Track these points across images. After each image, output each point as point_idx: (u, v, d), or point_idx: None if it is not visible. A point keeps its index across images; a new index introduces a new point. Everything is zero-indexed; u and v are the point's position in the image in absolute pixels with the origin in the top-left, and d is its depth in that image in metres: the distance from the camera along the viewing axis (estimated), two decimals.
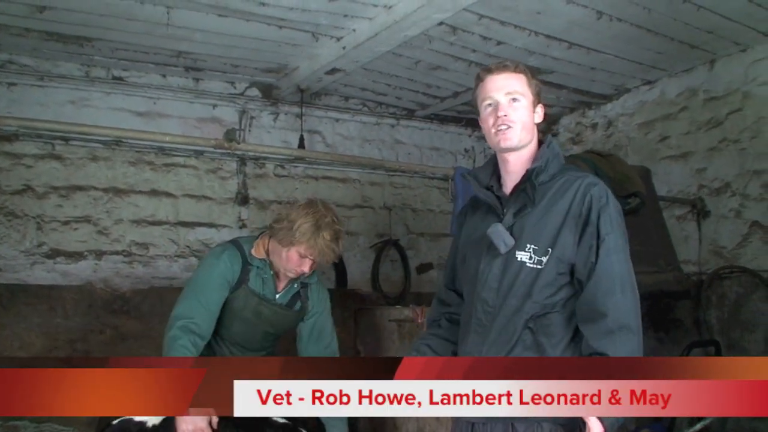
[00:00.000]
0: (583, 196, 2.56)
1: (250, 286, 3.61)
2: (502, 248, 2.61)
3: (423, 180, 7.05)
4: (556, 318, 2.58)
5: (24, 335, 4.65)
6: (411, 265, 6.79)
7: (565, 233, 2.56)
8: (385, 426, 5.03)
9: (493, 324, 2.64)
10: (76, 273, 5.40)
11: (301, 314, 3.80)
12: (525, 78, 2.75)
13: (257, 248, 3.66)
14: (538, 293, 2.57)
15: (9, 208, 5.29)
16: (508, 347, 2.59)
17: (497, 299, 2.63)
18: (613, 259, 2.48)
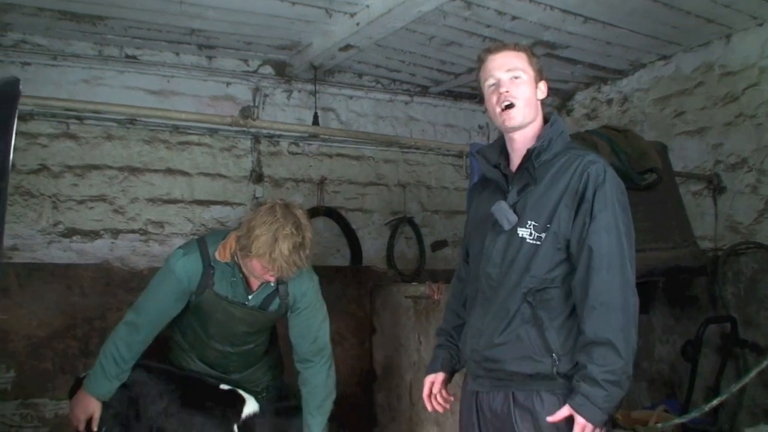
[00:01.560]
0: (581, 174, 2.62)
1: (215, 290, 3.44)
2: (506, 225, 2.70)
3: (437, 157, 7.03)
4: (554, 293, 2.65)
5: (42, 314, 4.68)
6: (425, 243, 6.79)
7: (562, 210, 2.63)
8: (402, 404, 5.07)
9: (495, 297, 2.74)
10: (93, 252, 5.43)
11: (281, 312, 3.64)
12: (525, 56, 2.81)
13: (222, 250, 3.44)
14: (537, 268, 2.65)
15: (25, 187, 5.31)
16: (506, 320, 2.68)
17: (500, 274, 2.73)
18: (603, 236, 2.54)
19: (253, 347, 3.71)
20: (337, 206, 6.45)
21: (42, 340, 4.65)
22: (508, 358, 2.68)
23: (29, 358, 4.58)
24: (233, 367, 3.71)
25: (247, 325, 3.58)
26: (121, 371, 3.39)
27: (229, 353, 3.64)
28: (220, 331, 3.56)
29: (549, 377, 2.63)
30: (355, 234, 6.44)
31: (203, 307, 3.49)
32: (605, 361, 2.48)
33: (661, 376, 5.66)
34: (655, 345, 5.71)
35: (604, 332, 2.50)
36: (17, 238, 5.27)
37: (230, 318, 3.51)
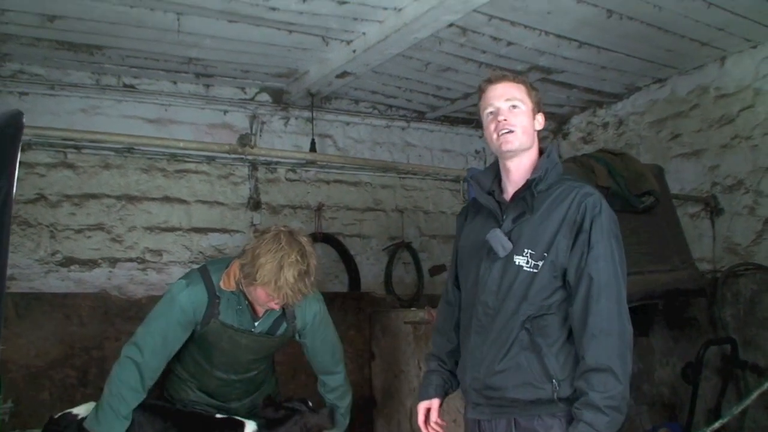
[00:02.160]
0: (579, 205, 2.70)
1: (221, 319, 3.41)
2: (501, 252, 2.75)
3: (434, 182, 7.05)
4: (551, 319, 2.71)
5: (40, 343, 4.65)
6: (424, 267, 6.78)
7: (560, 239, 2.69)
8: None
9: (492, 325, 2.77)
10: (91, 281, 5.42)
11: (288, 336, 3.62)
12: (525, 87, 2.88)
13: (226, 279, 3.40)
14: (534, 296, 2.70)
15: (22, 216, 5.30)
16: (506, 347, 2.73)
17: (496, 301, 2.77)
18: (601, 266, 2.62)
19: (255, 374, 3.70)
20: (335, 232, 6.45)
21: (40, 369, 4.62)
22: (509, 385, 2.72)
23: (27, 388, 4.55)
24: (234, 395, 3.69)
25: (253, 353, 3.56)
26: (130, 409, 3.33)
27: (232, 381, 3.62)
28: (225, 360, 3.54)
29: (550, 402, 2.68)
30: (353, 260, 6.44)
31: (208, 338, 3.45)
32: (605, 387, 2.53)
33: (662, 398, 5.64)
34: (655, 368, 5.70)
35: (604, 359, 2.55)
36: (15, 268, 5.25)
37: (236, 347, 3.48)
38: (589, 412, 2.53)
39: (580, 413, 2.55)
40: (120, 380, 3.34)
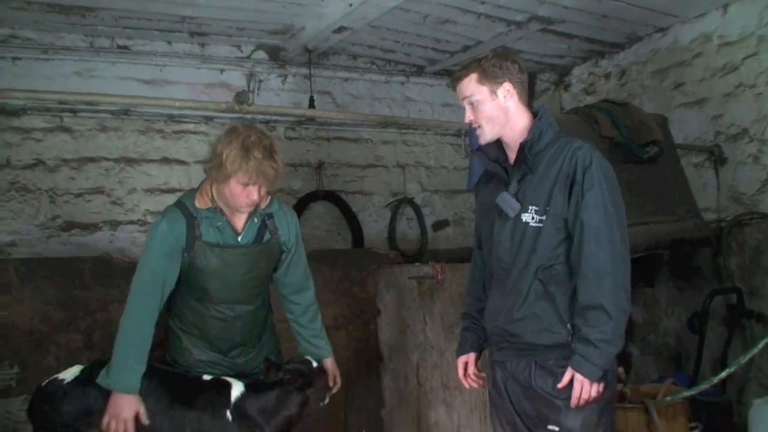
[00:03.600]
0: (571, 159, 2.90)
1: (204, 240, 3.38)
2: (510, 213, 3.00)
3: (435, 137, 7.00)
4: (561, 268, 2.93)
5: (43, 308, 4.62)
6: (427, 223, 6.79)
7: (556, 193, 2.91)
8: (409, 379, 5.06)
9: (508, 278, 3.04)
10: (93, 244, 5.42)
11: (274, 245, 3.58)
12: (475, 75, 3.04)
13: (200, 198, 3.42)
14: (542, 248, 2.93)
15: (21, 182, 5.29)
16: (522, 297, 2.98)
17: (510, 257, 3.02)
18: (591, 213, 2.82)
19: (253, 310, 3.63)
20: (337, 190, 6.43)
21: (44, 334, 4.60)
22: (527, 332, 2.96)
23: (32, 353, 4.53)
24: (236, 342, 3.63)
25: (247, 270, 3.51)
26: (142, 356, 3.32)
27: (231, 320, 3.55)
28: (219, 287, 3.48)
29: (566, 346, 2.89)
30: (355, 217, 6.43)
31: (197, 264, 3.40)
32: (597, 323, 2.75)
33: (668, 349, 5.65)
34: (661, 318, 5.70)
35: (595, 297, 2.77)
36: (15, 234, 5.25)
37: (226, 265, 3.44)
38: (583, 345, 2.77)
39: (575, 347, 2.80)
40: (124, 332, 3.33)
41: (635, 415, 3.99)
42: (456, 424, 4.62)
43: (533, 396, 2.99)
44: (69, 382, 3.36)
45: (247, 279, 3.53)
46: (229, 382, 3.46)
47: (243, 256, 3.48)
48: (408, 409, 5.12)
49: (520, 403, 3.06)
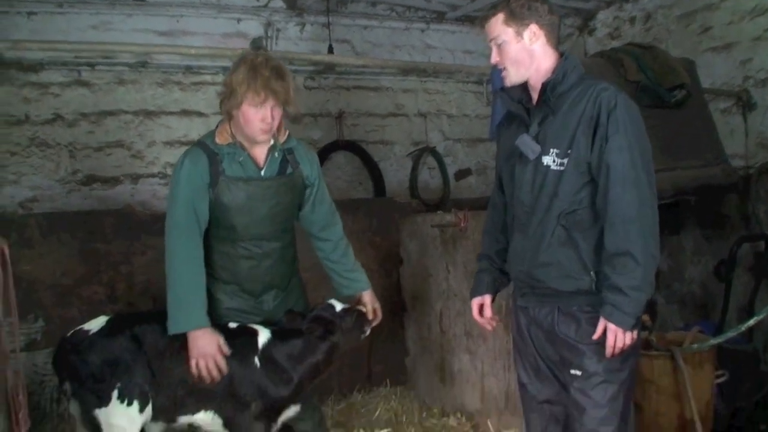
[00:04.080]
0: (595, 101, 2.81)
1: (228, 175, 3.40)
2: (530, 155, 2.92)
3: (457, 84, 6.90)
4: (584, 213, 2.86)
5: (66, 262, 4.65)
6: (449, 172, 6.73)
7: (579, 136, 2.82)
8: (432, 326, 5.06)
9: (530, 222, 2.97)
10: (114, 198, 5.43)
11: (297, 179, 3.58)
12: (502, 16, 2.94)
13: (220, 135, 3.44)
14: (564, 192, 2.86)
15: (41, 137, 5.29)
16: (544, 242, 2.92)
17: (531, 200, 2.96)
18: (616, 156, 2.73)
19: (280, 247, 3.61)
20: (357, 139, 6.38)
21: (68, 288, 4.63)
22: (551, 277, 2.92)
23: (56, 306, 4.57)
24: (265, 282, 3.61)
25: (275, 203, 3.51)
26: (203, 292, 3.36)
27: (259, 257, 3.54)
28: (246, 223, 3.47)
29: (589, 293, 2.85)
30: (376, 166, 6.39)
31: (223, 200, 3.41)
32: (626, 270, 2.69)
33: (693, 297, 5.59)
34: (687, 266, 5.63)
35: (622, 244, 2.70)
36: (37, 189, 5.26)
37: (251, 199, 3.44)
38: (613, 294, 2.72)
39: (605, 296, 2.74)
40: (174, 272, 3.34)
41: (661, 363, 3.96)
42: (480, 372, 4.62)
43: (556, 341, 2.98)
44: (94, 332, 3.37)
45: (273, 213, 3.52)
46: (255, 329, 3.47)
47: (267, 189, 3.47)
48: (431, 357, 5.12)
49: (543, 348, 3.05)
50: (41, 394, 4.61)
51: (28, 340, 4.55)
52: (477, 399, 4.68)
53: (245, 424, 3.36)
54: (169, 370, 3.32)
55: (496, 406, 4.53)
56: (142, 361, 3.30)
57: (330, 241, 3.77)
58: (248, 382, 3.36)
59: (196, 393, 3.34)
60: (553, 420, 3.12)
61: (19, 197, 5.22)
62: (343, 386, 5.33)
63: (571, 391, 2.95)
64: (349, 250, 3.82)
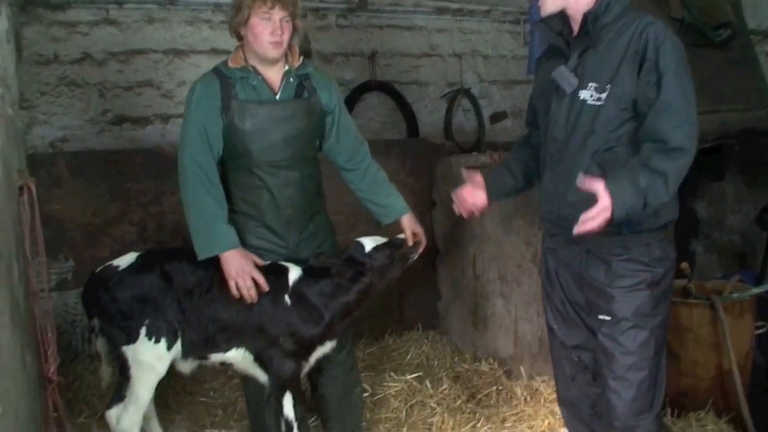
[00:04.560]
0: (641, 35, 2.66)
1: (240, 98, 3.35)
2: (567, 88, 2.80)
3: (493, 24, 6.71)
4: (622, 151, 2.72)
5: (96, 201, 4.64)
6: (484, 115, 6.59)
7: (623, 70, 2.68)
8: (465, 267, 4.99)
9: (562, 159, 2.85)
10: (144, 138, 5.39)
11: (315, 104, 3.49)
12: None
13: (233, 59, 3.38)
14: (600, 129, 2.73)
15: (70, 77, 5.24)
16: (576, 180, 2.71)
17: (565, 136, 2.83)
18: (666, 92, 2.58)
19: (299, 177, 3.51)
20: (390, 80, 6.25)
21: (98, 227, 4.63)
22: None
23: (87, 246, 4.57)
24: (290, 213, 3.50)
25: (285, 128, 3.42)
26: (225, 211, 3.32)
27: (278, 187, 3.44)
28: (261, 148, 3.39)
29: (620, 234, 2.74)
30: (410, 108, 6.27)
31: (237, 125, 3.34)
32: (654, 185, 2.51)
33: (733, 247, 5.45)
34: (727, 215, 5.47)
35: (662, 165, 2.53)
36: (67, 130, 5.24)
37: (267, 122, 3.37)
38: (628, 173, 2.54)
39: (616, 172, 2.59)
40: (195, 196, 3.29)
41: (700, 311, 3.89)
42: (513, 317, 4.55)
43: (584, 284, 2.88)
44: (124, 268, 3.34)
45: (289, 138, 3.43)
46: (286, 266, 3.42)
47: (283, 112, 3.40)
48: (464, 301, 5.07)
49: (571, 292, 2.97)
50: (72, 333, 4.66)
51: (58, 279, 4.58)
52: (510, 344, 4.62)
53: (276, 362, 3.34)
54: (200, 307, 3.31)
55: (529, 352, 4.48)
56: (172, 298, 3.28)
57: (358, 170, 3.68)
58: (279, 321, 3.32)
59: (227, 331, 3.32)
60: (582, 366, 3.04)
61: (49, 137, 5.20)
62: (375, 330, 5.30)
63: (599, 336, 2.85)
64: (380, 176, 3.70)
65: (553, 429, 3.84)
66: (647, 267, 2.77)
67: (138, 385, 3.28)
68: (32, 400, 2.83)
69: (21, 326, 2.64)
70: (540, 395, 4.21)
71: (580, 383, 3.06)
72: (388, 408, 4.23)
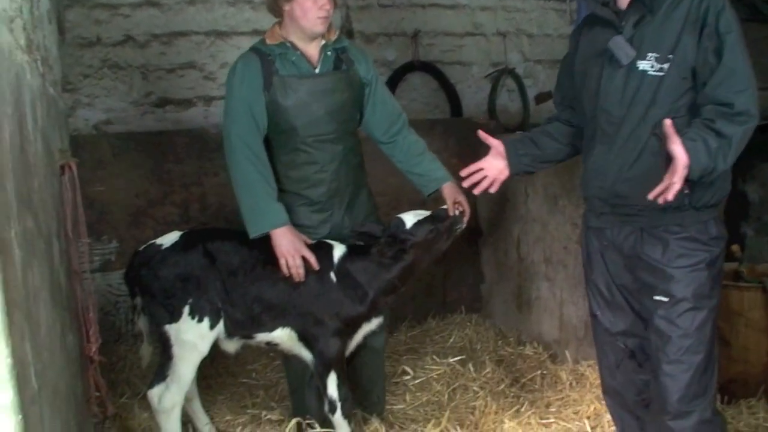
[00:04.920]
0: (700, 2, 2.58)
1: (281, 74, 3.36)
2: (624, 59, 2.69)
3: (539, 2, 6.60)
4: (682, 122, 2.59)
5: (139, 183, 4.66)
6: (529, 95, 6.48)
7: (684, 38, 2.60)
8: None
9: (618, 134, 2.74)
10: (187, 120, 5.39)
11: (354, 76, 3.51)
12: None
13: (270, 37, 3.41)
14: (663, 99, 2.64)
15: (112, 59, 5.25)
16: (634, 154, 2.71)
17: (621, 110, 2.72)
18: (729, 57, 2.51)
19: (343, 151, 3.53)
20: (433, 60, 6.16)
21: (141, 208, 4.65)
22: (638, 192, 2.62)
23: (130, 227, 4.60)
24: (334, 187, 3.53)
25: (327, 101, 3.44)
26: (274, 189, 3.35)
27: (322, 161, 3.47)
28: (305, 123, 3.41)
29: (680, 209, 2.64)
30: (453, 88, 6.19)
31: (279, 101, 3.37)
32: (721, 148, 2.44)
33: None
34: None
35: (728, 129, 2.45)
36: (110, 112, 5.26)
37: (309, 95, 3.40)
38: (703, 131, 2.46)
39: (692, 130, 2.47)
40: (243, 174, 3.33)
41: (752, 295, 3.79)
42: (558, 300, 4.47)
43: (637, 265, 2.77)
44: (167, 247, 3.36)
45: (332, 111, 3.46)
46: (330, 244, 3.43)
47: (324, 85, 3.44)
48: (508, 284, 5.00)
49: (618, 275, 2.86)
50: (116, 314, 4.70)
51: (102, 261, 4.62)
52: (555, 328, 4.54)
53: (322, 341, 3.35)
54: (244, 287, 3.32)
55: (574, 336, 4.39)
56: (215, 277, 3.30)
57: (395, 142, 3.67)
58: (324, 299, 3.33)
59: (272, 310, 3.34)
60: (628, 353, 2.93)
61: (93, 120, 5.23)
62: (417, 313, 5.27)
63: (654, 319, 2.74)
64: (418, 146, 3.68)
65: (599, 414, 3.74)
66: (705, 246, 2.68)
67: (180, 365, 3.30)
68: (73, 379, 2.83)
69: (62, 305, 2.63)
70: (586, 380, 4.12)
71: (626, 370, 2.96)
72: (430, 391, 4.20)
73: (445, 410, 3.84)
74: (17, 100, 2.00)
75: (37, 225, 2.18)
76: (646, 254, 2.73)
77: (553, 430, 3.64)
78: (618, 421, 3.09)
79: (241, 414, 3.92)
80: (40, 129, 2.53)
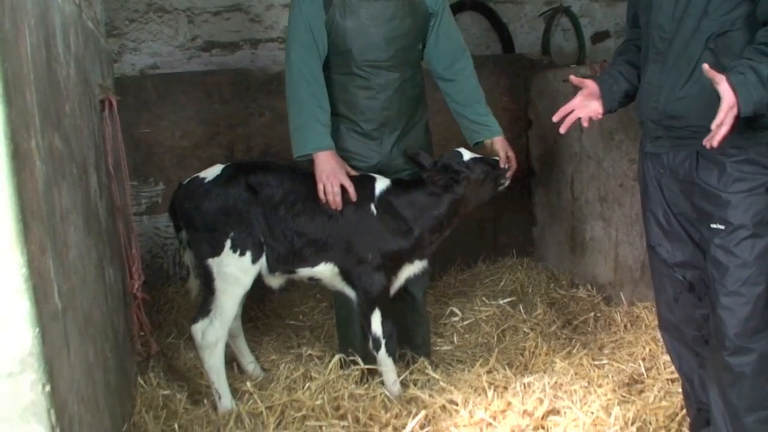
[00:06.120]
0: None
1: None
2: None
3: None
4: (737, 36, 2.47)
5: (184, 124, 4.63)
6: (585, 34, 6.30)
7: None
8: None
9: (670, 50, 2.60)
10: (233, 64, 5.33)
11: (419, 4, 3.43)
12: None
13: None
14: (715, 10, 2.47)
15: (158, 3, 5.22)
16: (687, 71, 2.54)
17: (672, 23, 2.57)
18: None
19: (399, 79, 3.46)
20: None
21: (186, 150, 4.63)
22: (693, 112, 2.52)
23: (176, 169, 4.57)
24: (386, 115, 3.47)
25: (387, 27, 3.38)
26: (327, 113, 3.32)
27: (376, 87, 3.42)
28: (361, 47, 3.37)
29: (736, 131, 2.36)
30: (506, 28, 6.04)
31: (338, 22, 3.33)
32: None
33: None
34: None
35: None
36: (156, 56, 5.23)
37: (369, 19, 3.35)
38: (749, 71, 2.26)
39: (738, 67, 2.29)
40: (294, 86, 3.31)
41: None
42: (614, 240, 4.31)
43: (694, 192, 2.59)
44: (210, 180, 3.31)
45: (391, 37, 3.40)
46: (373, 177, 3.37)
47: (385, 10, 3.38)
48: (561, 225, 4.85)
49: (675, 203, 2.70)
50: (164, 257, 4.70)
51: (149, 203, 4.62)
52: (609, 269, 4.39)
53: (366, 276, 3.30)
54: (286, 221, 3.27)
55: (630, 277, 4.26)
56: (257, 211, 3.25)
57: (456, 81, 3.57)
58: (365, 231, 3.28)
59: (314, 244, 3.29)
60: (687, 286, 2.75)
61: (139, 65, 5.21)
62: (468, 256, 5.17)
63: (711, 249, 2.55)
64: (478, 93, 3.59)
65: (654, 356, 3.61)
66: (766, 169, 2.48)
67: (223, 299, 3.26)
68: (113, 312, 2.81)
69: (99, 237, 2.61)
70: (641, 322, 4.00)
71: (685, 305, 2.78)
72: (479, 332, 4.12)
73: (493, 351, 3.74)
74: (43, 15, 1.95)
75: (69, 148, 2.14)
76: (702, 179, 2.56)
77: (606, 371, 3.50)
78: (675, 358, 2.93)
79: (286, 354, 3.88)
80: (74, 56, 2.49)
